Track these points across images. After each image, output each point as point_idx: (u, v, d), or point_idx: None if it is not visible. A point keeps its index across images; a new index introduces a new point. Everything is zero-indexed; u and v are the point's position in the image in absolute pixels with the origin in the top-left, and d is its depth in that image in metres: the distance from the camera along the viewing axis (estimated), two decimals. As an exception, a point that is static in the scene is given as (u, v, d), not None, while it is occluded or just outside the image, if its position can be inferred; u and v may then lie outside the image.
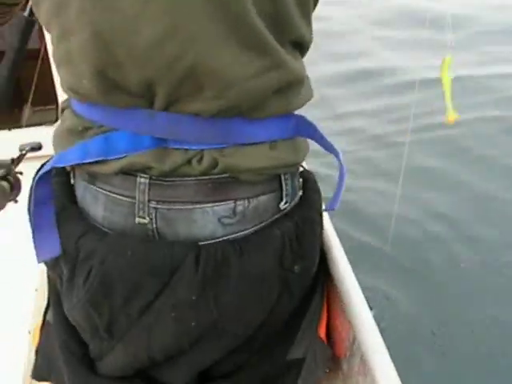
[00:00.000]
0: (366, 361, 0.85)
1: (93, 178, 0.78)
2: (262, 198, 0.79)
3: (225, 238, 0.78)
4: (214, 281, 0.76)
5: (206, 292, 0.76)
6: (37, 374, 0.95)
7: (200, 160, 0.73)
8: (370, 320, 0.90)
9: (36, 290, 1.67)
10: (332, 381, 1.02)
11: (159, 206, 0.75)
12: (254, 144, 0.74)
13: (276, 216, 0.81)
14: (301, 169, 0.90)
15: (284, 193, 0.81)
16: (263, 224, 0.80)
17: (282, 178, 0.81)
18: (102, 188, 0.77)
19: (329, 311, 1.02)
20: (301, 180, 0.89)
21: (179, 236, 0.77)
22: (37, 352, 0.96)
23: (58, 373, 0.89)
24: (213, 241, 0.77)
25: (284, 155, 0.77)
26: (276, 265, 0.79)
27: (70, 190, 0.84)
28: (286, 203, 0.81)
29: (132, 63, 0.66)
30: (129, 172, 0.74)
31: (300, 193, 0.87)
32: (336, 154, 0.83)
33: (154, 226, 0.76)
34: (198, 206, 0.75)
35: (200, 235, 0.77)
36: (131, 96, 0.70)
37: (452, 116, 1.42)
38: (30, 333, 1.43)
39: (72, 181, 0.84)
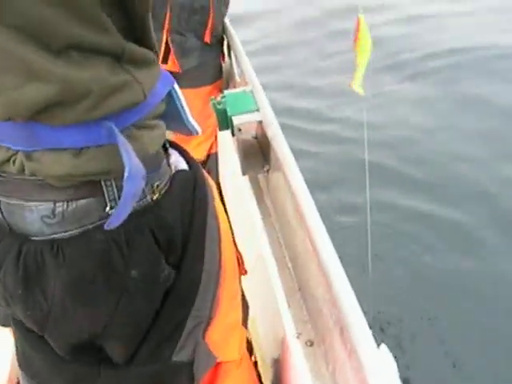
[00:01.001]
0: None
1: None
2: (82, 202, 0.80)
3: (49, 237, 0.81)
4: (37, 277, 0.82)
5: (30, 287, 0.83)
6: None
7: (15, 161, 0.77)
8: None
9: None
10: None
11: (2, 199, 0.82)
12: (59, 150, 0.75)
13: (103, 221, 0.80)
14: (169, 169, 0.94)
15: (107, 198, 0.81)
16: (86, 228, 0.82)
17: (103, 184, 0.80)
18: None
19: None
20: (156, 184, 0.89)
21: (20, 229, 0.82)
22: None
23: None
24: (40, 238, 0.82)
25: (92, 163, 0.76)
26: (102, 269, 0.83)
27: None
28: (112, 208, 0.82)
29: None
30: None
31: (150, 197, 0.88)
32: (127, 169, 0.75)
33: (2, 217, 0.83)
34: (25, 203, 0.80)
35: (32, 231, 0.82)
36: None
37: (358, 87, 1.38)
38: None
39: None
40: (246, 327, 1.18)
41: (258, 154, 1.81)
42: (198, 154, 2.59)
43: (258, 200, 1.82)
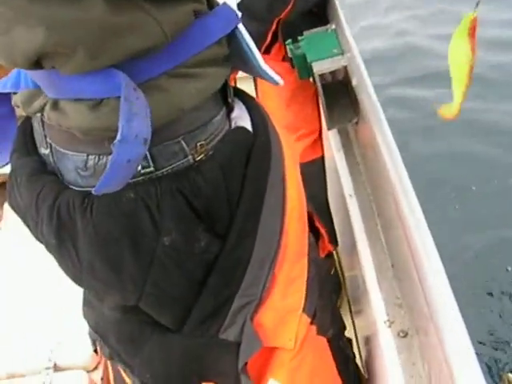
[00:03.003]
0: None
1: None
2: None
3: (83, 188, 0.78)
4: (69, 229, 0.78)
5: (63, 238, 0.80)
6: None
7: (48, 108, 0.75)
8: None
9: None
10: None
11: (50, 142, 0.81)
12: (80, 100, 0.71)
13: (136, 179, 0.76)
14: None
15: None
16: None
17: None
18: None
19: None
20: (200, 143, 0.80)
21: (63, 176, 0.81)
22: None
23: None
24: (75, 188, 0.79)
25: (114, 116, 0.67)
26: (129, 231, 0.77)
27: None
28: (144, 168, 0.76)
29: None
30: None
31: (191, 157, 0.79)
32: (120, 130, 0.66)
33: (53, 158, 0.81)
34: (66, 151, 0.78)
35: (70, 180, 0.80)
36: None
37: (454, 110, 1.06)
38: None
39: None
40: (310, 316, 1.02)
41: (345, 103, 1.58)
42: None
43: (347, 156, 1.60)
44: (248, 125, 0.88)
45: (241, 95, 0.93)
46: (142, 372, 0.97)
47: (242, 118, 0.89)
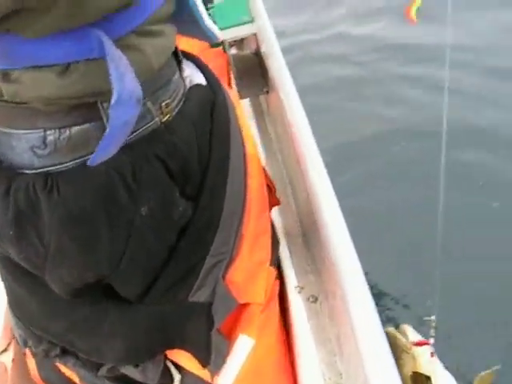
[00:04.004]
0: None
1: None
2: (76, 128, 0.69)
3: (41, 170, 0.71)
4: (30, 216, 0.72)
5: (23, 227, 0.73)
6: None
7: None
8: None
9: None
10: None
11: None
12: (42, 67, 0.63)
13: None
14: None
15: (106, 123, 0.69)
16: (84, 159, 0.70)
17: (100, 106, 0.68)
18: None
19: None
20: (165, 103, 0.76)
21: (9, 161, 0.73)
22: None
23: None
24: (30, 171, 0.71)
25: (83, 81, 0.63)
26: (105, 205, 0.72)
27: None
28: None
29: None
30: None
31: (158, 119, 0.76)
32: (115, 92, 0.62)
33: None
34: (13, 130, 0.70)
35: (20, 163, 0.72)
36: None
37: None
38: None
39: None
40: (275, 267, 1.04)
41: (256, 72, 1.57)
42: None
43: (259, 125, 1.61)
44: (203, 82, 0.86)
45: (186, 55, 0.90)
46: (103, 351, 0.91)
47: (194, 76, 0.87)
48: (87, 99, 0.67)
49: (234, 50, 1.51)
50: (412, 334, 1.08)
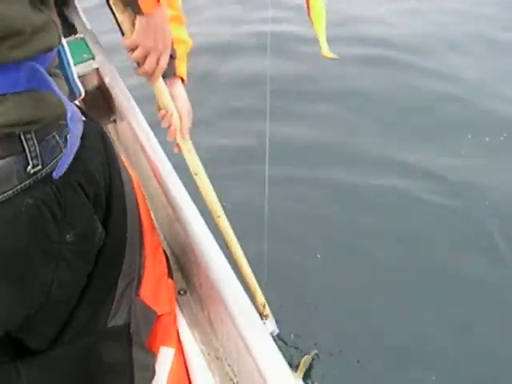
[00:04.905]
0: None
1: None
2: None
3: None
4: None
5: None
6: None
7: None
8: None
9: None
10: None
11: None
12: None
13: (26, 182, 0.69)
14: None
15: (29, 155, 0.69)
16: (9, 193, 0.68)
17: (23, 137, 0.68)
18: None
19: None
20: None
21: None
22: None
23: None
24: None
25: (9, 113, 0.65)
26: (35, 238, 0.72)
27: None
28: (34, 167, 0.70)
29: None
30: None
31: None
32: (68, 112, 0.67)
33: None
34: None
35: None
36: None
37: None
38: None
39: None
40: (171, 278, 1.13)
41: (102, 104, 1.69)
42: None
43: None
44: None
45: None
46: None
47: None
48: (11, 129, 0.67)
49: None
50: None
